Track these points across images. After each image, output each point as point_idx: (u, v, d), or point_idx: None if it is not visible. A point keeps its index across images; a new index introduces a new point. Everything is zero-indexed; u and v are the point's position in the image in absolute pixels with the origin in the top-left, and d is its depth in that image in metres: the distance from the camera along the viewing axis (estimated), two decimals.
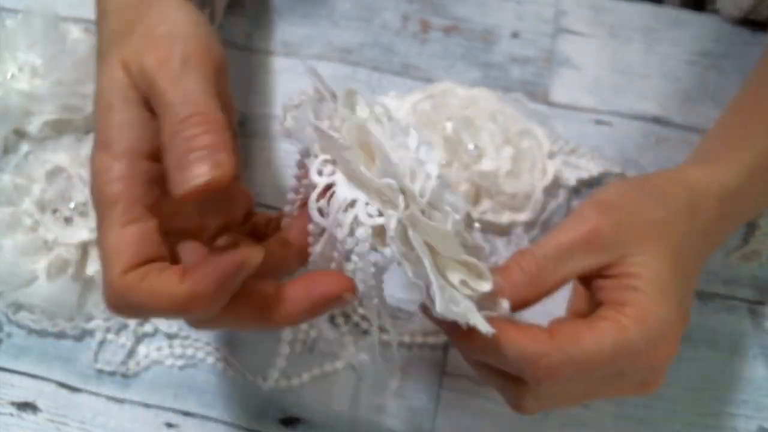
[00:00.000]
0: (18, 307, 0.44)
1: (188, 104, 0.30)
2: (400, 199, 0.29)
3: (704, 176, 0.38)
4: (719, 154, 0.40)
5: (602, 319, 0.33)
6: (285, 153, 0.52)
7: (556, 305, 0.39)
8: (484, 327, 0.29)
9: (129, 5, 0.36)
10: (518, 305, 0.33)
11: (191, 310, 0.29)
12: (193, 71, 0.31)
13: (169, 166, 0.29)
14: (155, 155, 0.31)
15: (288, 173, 0.51)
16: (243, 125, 0.53)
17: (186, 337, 0.44)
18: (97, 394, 0.43)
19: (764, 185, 0.40)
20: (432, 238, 0.30)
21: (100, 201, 0.30)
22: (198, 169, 0.28)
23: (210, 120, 0.29)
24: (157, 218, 0.31)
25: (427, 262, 0.29)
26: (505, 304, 0.32)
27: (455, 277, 0.30)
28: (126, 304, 0.29)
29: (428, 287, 0.29)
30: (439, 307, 0.29)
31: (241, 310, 0.30)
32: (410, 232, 0.29)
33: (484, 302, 0.31)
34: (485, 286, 0.31)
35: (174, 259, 0.32)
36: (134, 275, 0.29)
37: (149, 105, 0.31)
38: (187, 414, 0.43)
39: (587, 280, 0.35)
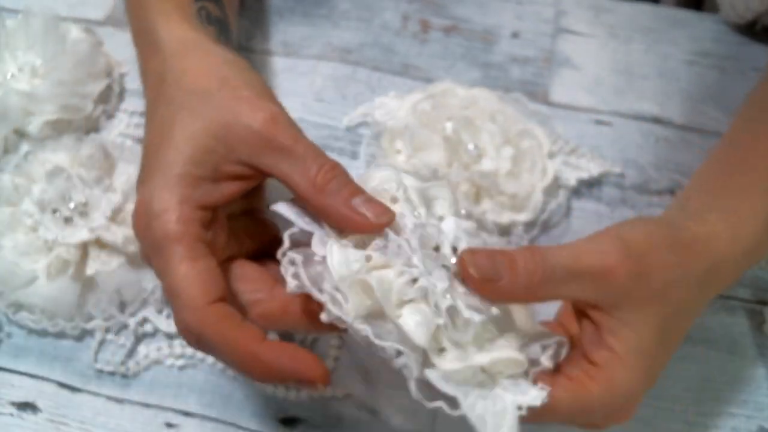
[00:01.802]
0: (18, 307, 0.44)
1: (318, 156, 0.34)
2: (413, 359, 0.30)
3: (729, 240, 0.37)
4: (737, 203, 0.39)
5: (568, 379, 0.33)
6: None
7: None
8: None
9: (174, 42, 0.39)
10: (505, 299, 0.32)
11: (245, 371, 0.32)
12: (295, 125, 0.35)
13: (333, 209, 0.32)
14: (205, 207, 0.34)
15: None
16: None
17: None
18: (97, 394, 0.43)
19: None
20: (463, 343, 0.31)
21: (162, 239, 0.33)
22: (377, 209, 0.32)
23: (337, 167, 0.34)
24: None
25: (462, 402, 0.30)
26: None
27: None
28: (201, 339, 0.32)
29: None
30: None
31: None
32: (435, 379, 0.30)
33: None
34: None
35: None
36: (213, 312, 0.32)
37: (224, 168, 0.34)
38: (187, 414, 0.43)
39: (577, 309, 0.35)
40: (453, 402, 0.30)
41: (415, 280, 0.31)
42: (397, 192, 0.33)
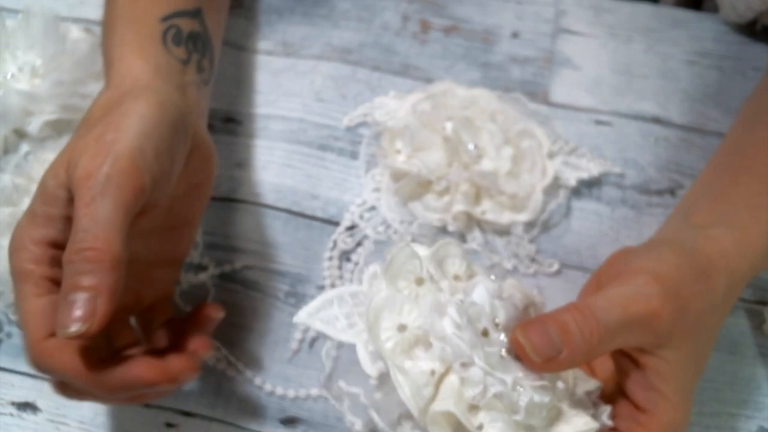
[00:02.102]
0: None
1: (89, 234, 0.32)
2: None
3: (739, 257, 0.37)
4: (742, 216, 0.39)
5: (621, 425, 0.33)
6: (285, 153, 0.52)
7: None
8: None
9: (123, 85, 0.39)
10: (567, 368, 0.32)
11: (95, 392, 0.34)
12: (109, 196, 0.33)
13: (60, 294, 0.32)
14: (56, 245, 0.35)
15: (287, 172, 0.51)
16: (243, 125, 0.53)
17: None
18: None
19: None
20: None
21: (16, 274, 0.34)
22: (73, 316, 0.31)
23: (102, 258, 0.32)
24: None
25: None
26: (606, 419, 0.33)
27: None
28: (44, 367, 0.34)
29: None
30: None
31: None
32: None
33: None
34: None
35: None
36: (50, 345, 0.33)
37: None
38: (187, 414, 0.43)
39: (622, 352, 0.35)
40: None
41: (484, 385, 0.31)
42: (421, 273, 0.34)
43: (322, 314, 0.34)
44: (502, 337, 0.32)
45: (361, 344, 0.33)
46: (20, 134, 0.50)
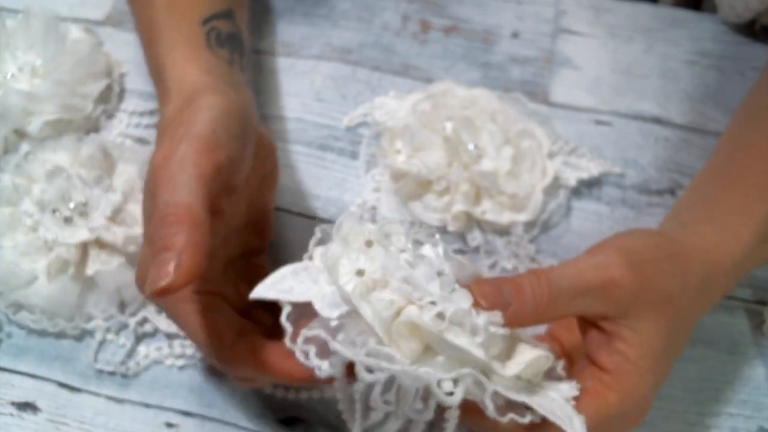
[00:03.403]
0: (18, 307, 0.44)
1: (169, 203, 0.33)
2: (477, 378, 0.31)
3: (721, 252, 0.38)
4: (730, 219, 0.40)
5: (585, 393, 0.33)
6: (285, 153, 0.52)
7: None
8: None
9: (184, 91, 0.40)
10: (515, 324, 0.33)
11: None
12: (186, 172, 0.34)
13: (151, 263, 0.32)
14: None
15: (287, 172, 0.51)
16: None
17: (186, 337, 0.44)
18: (97, 394, 0.43)
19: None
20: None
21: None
22: (162, 272, 0.31)
23: (182, 219, 0.33)
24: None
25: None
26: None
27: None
28: (237, 368, 0.36)
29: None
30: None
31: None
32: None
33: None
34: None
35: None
36: (241, 348, 0.36)
37: None
38: (187, 414, 0.43)
39: (581, 319, 0.36)
40: (520, 411, 0.32)
41: (439, 312, 0.31)
42: (370, 235, 0.34)
43: (278, 287, 0.34)
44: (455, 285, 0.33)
45: (317, 298, 0.33)
46: (20, 134, 0.50)
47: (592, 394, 0.33)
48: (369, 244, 0.34)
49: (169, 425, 0.42)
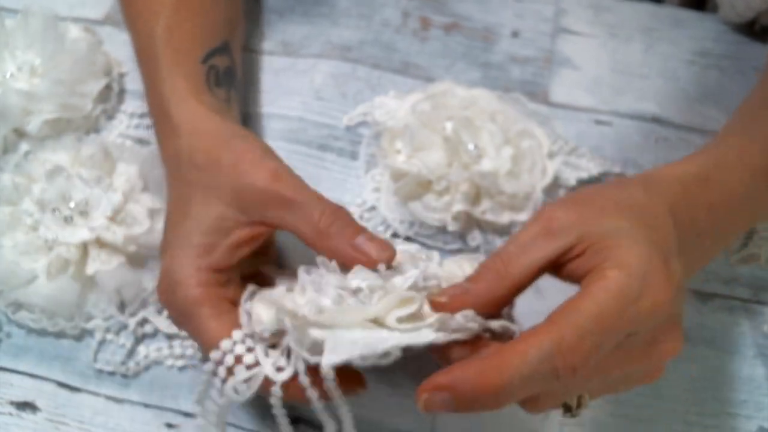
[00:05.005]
0: (18, 306, 0.44)
1: (319, 202, 0.37)
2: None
3: (662, 167, 0.39)
4: (738, 140, 0.42)
5: (589, 284, 0.32)
6: (285, 152, 0.52)
7: None
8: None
9: (198, 131, 0.41)
10: (494, 303, 0.33)
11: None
12: (296, 177, 0.39)
13: (338, 250, 0.36)
14: (221, 269, 0.38)
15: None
16: (243, 124, 0.53)
17: (186, 337, 0.44)
18: (96, 394, 0.43)
19: (734, 177, 0.40)
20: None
21: (190, 303, 0.36)
22: (379, 245, 0.36)
23: (338, 211, 0.37)
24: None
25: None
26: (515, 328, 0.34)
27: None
28: None
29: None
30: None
31: None
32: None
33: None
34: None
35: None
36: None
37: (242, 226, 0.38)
38: (187, 414, 0.43)
39: (561, 271, 0.35)
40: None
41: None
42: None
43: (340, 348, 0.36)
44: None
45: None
46: (20, 133, 0.50)
47: (596, 281, 0.32)
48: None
49: (169, 425, 0.42)
